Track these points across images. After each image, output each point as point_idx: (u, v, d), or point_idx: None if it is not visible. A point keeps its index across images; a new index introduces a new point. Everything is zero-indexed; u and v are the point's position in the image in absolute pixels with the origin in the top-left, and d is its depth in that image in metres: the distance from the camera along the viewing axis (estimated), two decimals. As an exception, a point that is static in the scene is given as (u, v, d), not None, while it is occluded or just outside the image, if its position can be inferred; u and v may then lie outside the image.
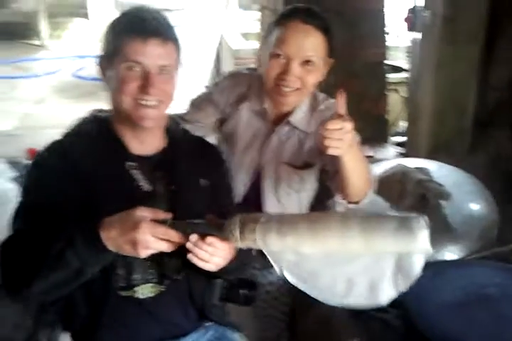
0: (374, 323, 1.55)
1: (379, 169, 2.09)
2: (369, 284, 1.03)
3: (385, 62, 3.10)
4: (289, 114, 1.58)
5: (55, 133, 1.25)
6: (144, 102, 1.20)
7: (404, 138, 3.12)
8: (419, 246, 0.96)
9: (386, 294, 1.02)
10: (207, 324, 1.35)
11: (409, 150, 2.91)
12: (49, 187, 1.20)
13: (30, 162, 1.75)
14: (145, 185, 1.27)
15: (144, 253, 1.04)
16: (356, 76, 2.75)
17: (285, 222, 1.03)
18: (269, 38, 1.48)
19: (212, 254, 1.07)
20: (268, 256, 1.04)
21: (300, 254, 1.03)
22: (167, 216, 1.07)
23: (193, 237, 1.05)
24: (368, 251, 1.01)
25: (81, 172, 1.22)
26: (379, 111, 2.97)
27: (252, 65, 3.31)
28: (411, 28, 4.05)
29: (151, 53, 1.18)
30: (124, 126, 1.26)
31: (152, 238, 1.03)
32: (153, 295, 1.24)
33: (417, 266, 1.00)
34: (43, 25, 7.08)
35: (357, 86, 2.67)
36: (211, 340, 1.35)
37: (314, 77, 1.48)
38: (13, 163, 1.52)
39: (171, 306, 1.28)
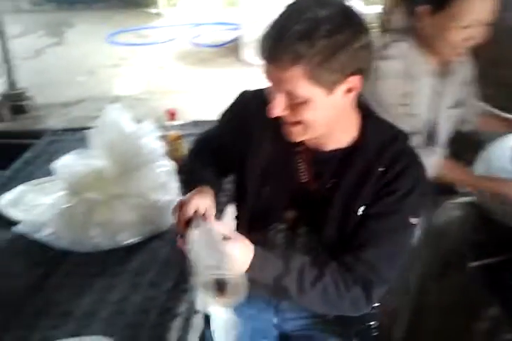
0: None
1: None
2: None
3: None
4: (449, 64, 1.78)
5: (179, 97, 1.34)
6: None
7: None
8: None
9: None
10: None
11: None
12: (227, 125, 1.38)
13: (170, 123, 1.87)
14: (305, 176, 1.23)
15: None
16: (495, 40, 2.58)
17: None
18: (450, 9, 1.60)
19: None
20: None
21: None
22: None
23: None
24: None
25: (254, 134, 1.27)
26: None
27: (374, 30, 3.18)
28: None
29: (271, 77, 1.09)
30: None
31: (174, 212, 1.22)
32: None
33: None
34: (160, -6, 7.28)
35: (495, 51, 2.51)
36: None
37: None
38: (156, 124, 1.62)
39: None
